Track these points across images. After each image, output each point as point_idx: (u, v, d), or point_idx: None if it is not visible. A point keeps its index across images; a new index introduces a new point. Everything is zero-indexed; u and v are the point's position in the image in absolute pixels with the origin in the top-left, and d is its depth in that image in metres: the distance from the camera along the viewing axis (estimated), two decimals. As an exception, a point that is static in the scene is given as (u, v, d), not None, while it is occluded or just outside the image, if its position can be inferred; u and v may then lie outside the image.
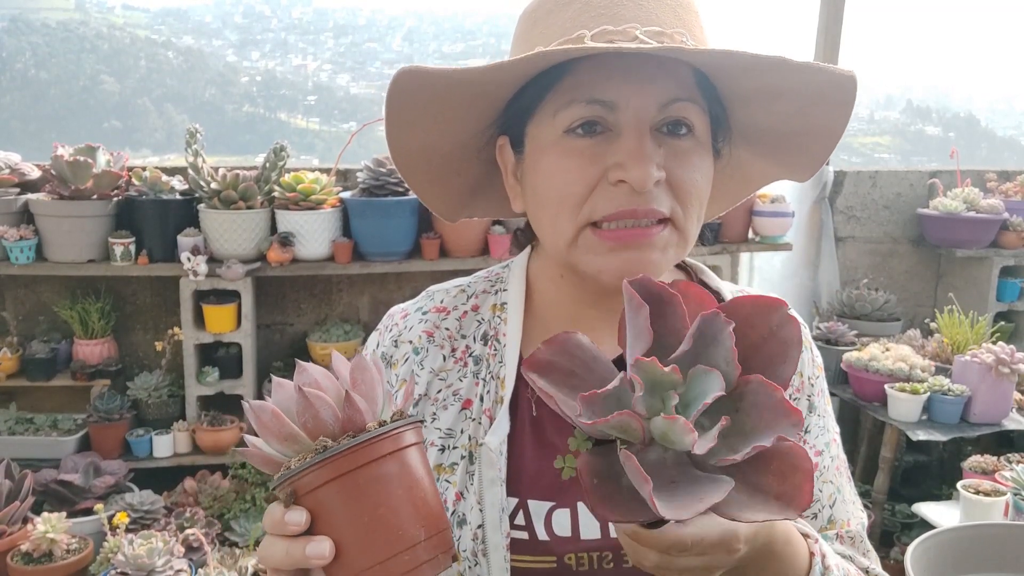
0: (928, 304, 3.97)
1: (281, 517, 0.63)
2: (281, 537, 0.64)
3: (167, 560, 2.43)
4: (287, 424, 0.64)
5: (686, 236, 0.83)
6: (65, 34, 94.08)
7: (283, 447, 0.65)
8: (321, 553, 0.62)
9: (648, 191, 0.78)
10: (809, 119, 0.85)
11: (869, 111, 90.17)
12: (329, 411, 0.64)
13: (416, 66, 0.77)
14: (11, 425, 3.08)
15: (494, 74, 0.78)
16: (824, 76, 0.78)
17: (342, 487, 0.62)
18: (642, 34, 0.77)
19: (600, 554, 0.84)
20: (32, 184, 3.09)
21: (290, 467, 0.63)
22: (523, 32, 0.86)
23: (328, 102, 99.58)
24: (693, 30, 0.81)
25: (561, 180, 0.81)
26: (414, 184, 0.92)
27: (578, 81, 0.79)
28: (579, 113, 0.80)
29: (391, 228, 3.07)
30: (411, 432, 0.66)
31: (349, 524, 0.62)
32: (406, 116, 0.83)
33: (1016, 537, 1.50)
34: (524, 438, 0.88)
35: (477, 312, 0.95)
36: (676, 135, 0.81)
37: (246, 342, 3.09)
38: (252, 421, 0.66)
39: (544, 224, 0.86)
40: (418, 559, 0.62)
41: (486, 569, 0.83)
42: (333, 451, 0.62)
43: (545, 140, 0.83)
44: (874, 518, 3.06)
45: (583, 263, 0.83)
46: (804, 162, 0.91)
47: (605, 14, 0.79)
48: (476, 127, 0.88)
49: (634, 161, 0.77)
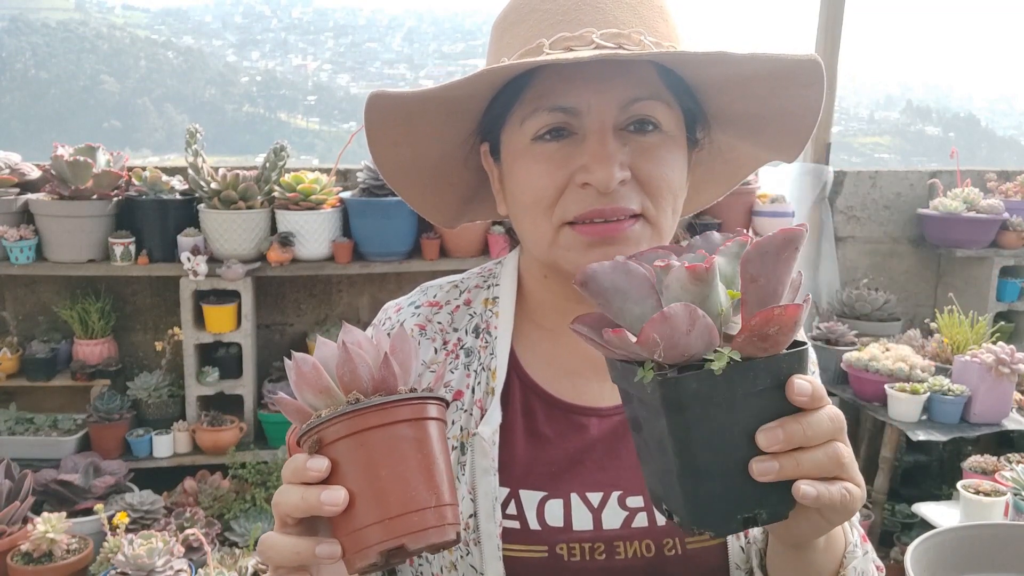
0: (928, 304, 3.97)
1: (303, 464, 0.65)
2: (298, 484, 0.66)
3: (167, 560, 2.43)
4: (324, 377, 0.68)
5: (660, 230, 0.85)
6: (65, 34, 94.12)
7: (317, 399, 0.68)
8: (335, 500, 0.64)
9: (614, 191, 0.80)
10: (784, 100, 0.85)
11: (869, 111, 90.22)
12: (366, 369, 0.68)
13: (384, 90, 0.80)
14: (11, 425, 3.09)
15: (455, 91, 0.80)
16: (778, 61, 0.79)
17: (365, 441, 0.65)
18: (599, 37, 0.79)
19: (592, 545, 0.85)
20: (32, 184, 3.09)
21: (320, 415, 0.66)
22: (493, 41, 0.89)
23: (328, 102, 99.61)
24: (655, 25, 0.83)
25: (532, 185, 0.84)
26: (408, 197, 0.95)
27: (541, 90, 0.82)
28: (544, 121, 0.82)
29: (391, 228, 3.07)
30: (435, 407, 0.69)
31: (365, 478, 0.65)
32: (388, 135, 0.86)
33: (1016, 537, 1.51)
34: (516, 429, 0.89)
35: (469, 306, 0.97)
36: (642, 132, 0.82)
37: (246, 342, 3.09)
38: (291, 373, 0.69)
39: (524, 227, 0.88)
40: (425, 522, 0.64)
41: (478, 558, 0.84)
42: (363, 405, 0.65)
43: (516, 147, 0.85)
44: (874, 518, 3.07)
45: (563, 260, 0.85)
46: (788, 142, 0.92)
47: (563, 20, 0.81)
48: (457, 137, 0.91)
49: (597, 163, 0.79)
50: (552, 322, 0.95)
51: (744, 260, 0.60)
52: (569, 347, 0.94)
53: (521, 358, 0.94)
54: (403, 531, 0.64)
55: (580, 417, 0.90)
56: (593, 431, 0.90)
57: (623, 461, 0.88)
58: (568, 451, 0.89)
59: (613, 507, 0.86)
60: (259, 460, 3.09)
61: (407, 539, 0.64)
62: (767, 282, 0.60)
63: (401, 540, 0.64)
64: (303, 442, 0.67)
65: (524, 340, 0.95)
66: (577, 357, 0.93)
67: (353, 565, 0.65)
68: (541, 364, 0.94)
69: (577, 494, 0.86)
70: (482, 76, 0.78)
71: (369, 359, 0.68)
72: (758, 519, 0.62)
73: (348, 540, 0.65)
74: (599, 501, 0.86)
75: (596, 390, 0.92)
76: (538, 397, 0.92)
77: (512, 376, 0.92)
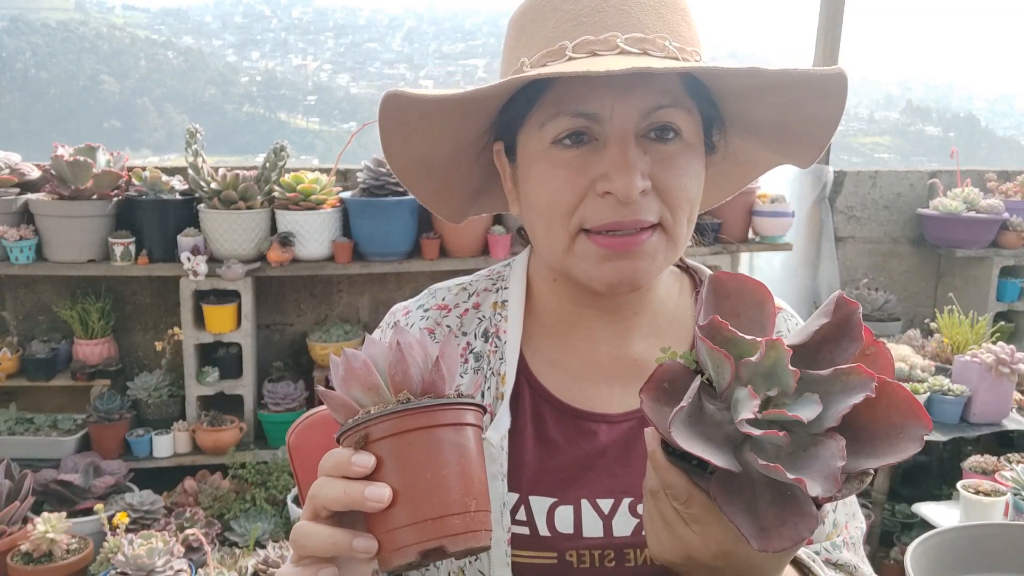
0: (928, 304, 3.97)
1: (348, 458, 0.66)
2: (339, 478, 0.66)
3: (167, 560, 2.43)
4: (375, 375, 0.69)
5: (676, 240, 0.84)
6: (65, 34, 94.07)
7: (364, 395, 0.69)
8: (380, 497, 0.64)
9: (634, 201, 0.79)
10: (804, 110, 0.85)
11: (869, 111, 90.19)
12: (418, 370, 0.69)
13: (403, 91, 0.79)
14: (11, 425, 3.08)
15: (477, 95, 0.79)
16: (808, 76, 0.79)
17: (412, 441, 0.66)
18: (623, 42, 0.78)
19: (602, 552, 0.84)
20: (32, 184, 3.09)
21: (369, 412, 0.67)
22: (511, 39, 0.87)
23: (328, 102, 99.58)
24: (679, 29, 0.81)
25: (550, 190, 0.82)
26: (417, 192, 0.94)
27: (562, 93, 0.80)
28: (564, 125, 0.81)
29: (391, 228, 3.07)
30: (477, 413, 0.71)
31: (411, 477, 0.65)
32: (401, 132, 0.84)
33: (1016, 537, 1.51)
34: (525, 434, 0.89)
35: (478, 310, 0.96)
36: (663, 140, 0.81)
37: (246, 342, 3.09)
38: (337, 368, 0.70)
39: (538, 231, 0.87)
40: (466, 526, 0.66)
41: (487, 563, 0.84)
42: (415, 405, 0.66)
43: (534, 150, 0.84)
44: (874, 518, 3.06)
45: (577, 269, 0.84)
46: (804, 150, 0.91)
47: (587, 22, 0.79)
48: (471, 136, 0.89)
49: (618, 172, 0.78)
50: (562, 327, 0.94)
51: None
52: (578, 352, 0.93)
53: (530, 362, 0.93)
54: (444, 533, 0.65)
55: (590, 423, 0.90)
56: (603, 437, 0.89)
57: (634, 468, 0.87)
58: (578, 457, 0.88)
59: (624, 514, 0.85)
60: (259, 460, 3.09)
61: (447, 541, 0.65)
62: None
63: (441, 542, 0.65)
64: (347, 437, 0.68)
65: (533, 344, 0.94)
66: (586, 362, 0.93)
67: (391, 563, 0.66)
68: (550, 369, 0.93)
69: (588, 500, 0.86)
70: (507, 85, 0.78)
71: (420, 361, 0.70)
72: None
73: (385, 537, 0.66)
74: (610, 508, 0.86)
75: (606, 396, 0.91)
76: (547, 402, 0.91)
77: (521, 381, 0.91)
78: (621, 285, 0.84)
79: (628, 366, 0.93)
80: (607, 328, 0.93)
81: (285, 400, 3.12)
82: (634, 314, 0.93)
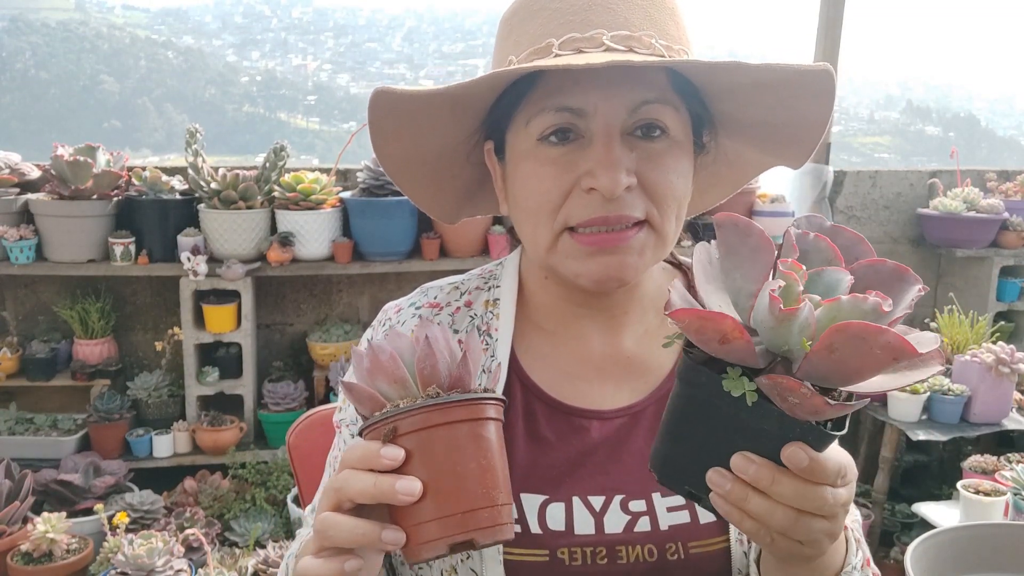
0: (928, 304, 3.97)
1: (376, 451, 0.66)
2: (366, 471, 0.66)
3: (167, 560, 2.43)
4: (402, 368, 0.69)
5: (664, 237, 0.85)
6: (65, 34, 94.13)
7: (390, 388, 0.69)
8: (411, 490, 0.64)
9: (619, 197, 0.79)
10: (793, 110, 0.85)
11: (869, 111, 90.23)
12: (445, 365, 0.69)
13: (389, 87, 0.79)
14: (11, 425, 3.08)
15: (461, 91, 0.80)
16: (792, 71, 0.79)
17: (443, 435, 0.66)
18: (609, 39, 0.78)
19: (594, 549, 0.84)
20: (32, 184, 3.09)
21: (398, 406, 0.67)
22: (500, 38, 0.88)
23: (328, 102, 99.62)
24: (666, 27, 0.82)
25: (536, 188, 0.83)
26: (408, 190, 0.94)
27: (547, 90, 0.80)
28: (550, 121, 0.81)
29: (391, 228, 3.07)
30: (498, 408, 0.71)
31: (439, 471, 0.66)
32: (390, 128, 0.84)
33: (1016, 537, 1.50)
34: (516, 431, 0.89)
35: (470, 308, 0.97)
36: (649, 138, 0.82)
37: (246, 342, 3.09)
38: (362, 360, 0.70)
39: (525, 229, 0.87)
40: (493, 519, 0.66)
41: (479, 561, 0.84)
42: (446, 400, 0.67)
43: (521, 148, 0.84)
44: (874, 518, 3.06)
45: (562, 267, 0.85)
46: (794, 150, 0.91)
47: (573, 20, 0.80)
48: (461, 134, 0.90)
49: (603, 169, 0.79)
50: (553, 324, 0.95)
51: (835, 328, 0.54)
52: (570, 349, 0.93)
53: (522, 360, 0.93)
54: (473, 526, 0.65)
55: (581, 420, 0.90)
56: (594, 434, 0.89)
57: (625, 465, 0.87)
58: (569, 454, 0.88)
59: (615, 511, 0.86)
60: (259, 460, 3.09)
61: (477, 534, 0.65)
62: (841, 363, 0.56)
63: (471, 535, 0.65)
64: (374, 429, 0.68)
65: (525, 342, 0.94)
66: (578, 359, 0.93)
67: (420, 555, 0.66)
68: (542, 366, 0.93)
69: (579, 498, 0.86)
70: (490, 79, 0.78)
71: (447, 356, 0.70)
72: (700, 501, 0.67)
73: (413, 530, 0.66)
74: (601, 505, 0.86)
75: (597, 392, 0.92)
76: (539, 400, 0.91)
77: (513, 378, 0.91)
78: (608, 281, 0.84)
79: (619, 363, 0.93)
80: (598, 325, 0.94)
81: (285, 400, 3.12)
82: (625, 311, 0.94)
